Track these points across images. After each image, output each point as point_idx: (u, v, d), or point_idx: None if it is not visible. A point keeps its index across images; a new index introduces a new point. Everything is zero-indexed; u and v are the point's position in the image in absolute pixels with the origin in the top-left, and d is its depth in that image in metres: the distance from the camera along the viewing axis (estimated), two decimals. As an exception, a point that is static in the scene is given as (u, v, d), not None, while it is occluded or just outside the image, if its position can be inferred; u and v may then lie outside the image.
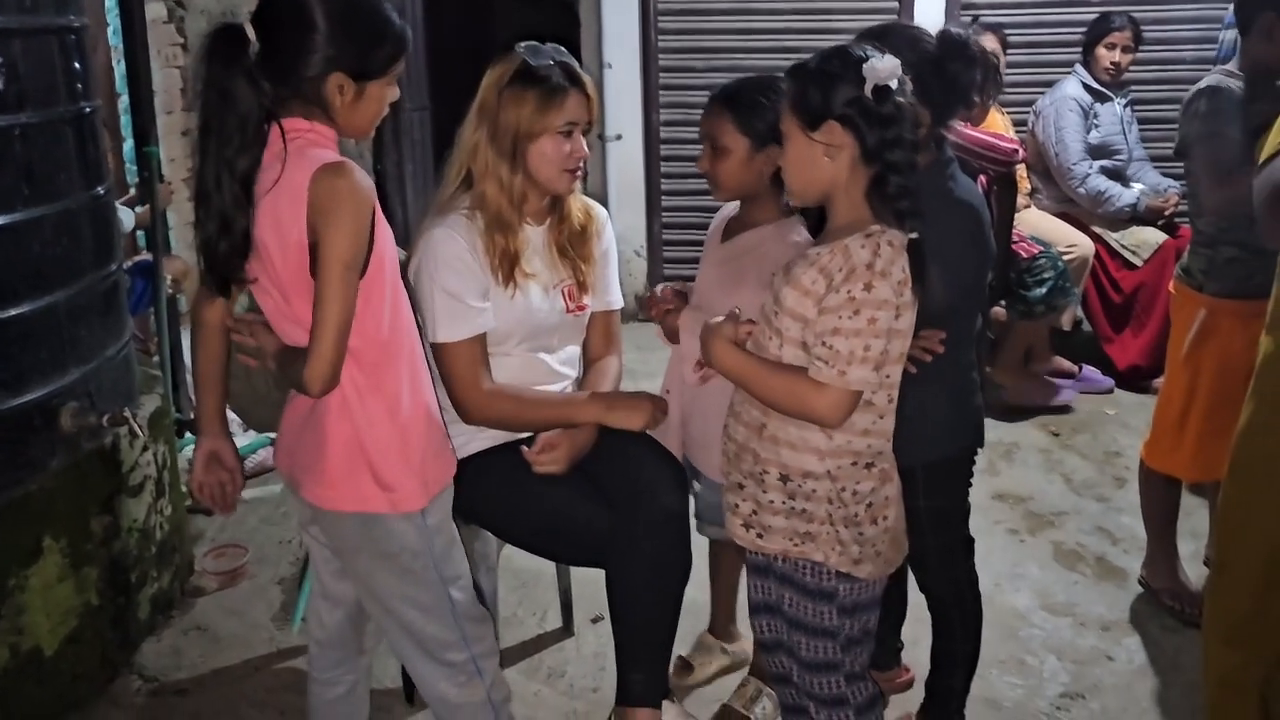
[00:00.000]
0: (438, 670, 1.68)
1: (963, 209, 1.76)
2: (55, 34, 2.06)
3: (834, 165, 1.46)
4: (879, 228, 1.46)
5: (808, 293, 1.46)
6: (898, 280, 1.43)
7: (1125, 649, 2.41)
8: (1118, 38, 3.94)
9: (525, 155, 1.82)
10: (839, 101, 1.43)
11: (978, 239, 1.79)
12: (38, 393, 2.01)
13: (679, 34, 4.83)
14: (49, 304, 2.02)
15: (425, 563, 1.61)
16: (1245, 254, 2.30)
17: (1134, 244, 3.98)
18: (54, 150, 2.06)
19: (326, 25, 1.45)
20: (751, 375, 1.52)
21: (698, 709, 2.15)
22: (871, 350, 1.42)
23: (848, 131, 1.44)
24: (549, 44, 1.85)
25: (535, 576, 2.64)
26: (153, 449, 2.45)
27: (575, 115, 1.82)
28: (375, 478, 1.55)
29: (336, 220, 1.41)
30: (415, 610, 1.63)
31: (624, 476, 1.84)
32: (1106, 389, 3.97)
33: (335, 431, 1.54)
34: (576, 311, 1.97)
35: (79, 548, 2.17)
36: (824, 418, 1.46)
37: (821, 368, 1.44)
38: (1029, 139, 4.09)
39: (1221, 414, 2.32)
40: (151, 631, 2.45)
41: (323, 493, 1.57)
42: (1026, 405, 3.78)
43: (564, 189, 1.88)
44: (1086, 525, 3.00)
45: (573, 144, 1.83)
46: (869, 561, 1.56)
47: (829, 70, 1.45)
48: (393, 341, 1.55)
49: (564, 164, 1.83)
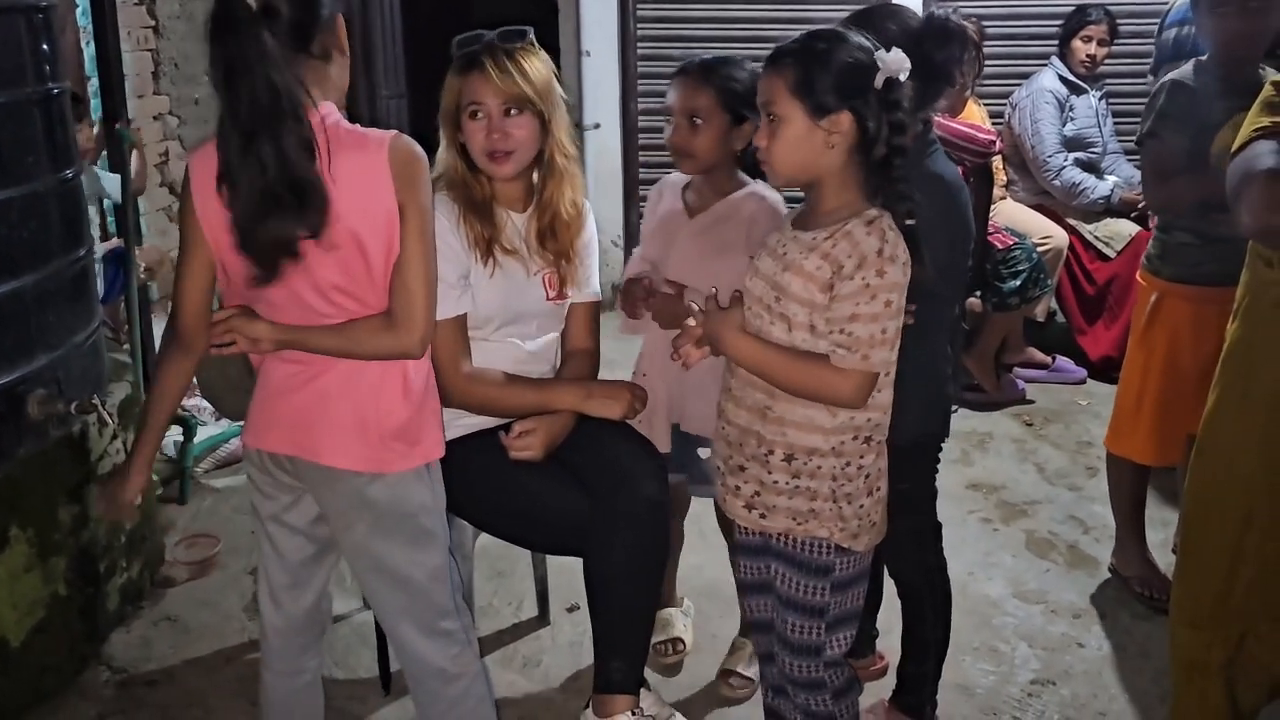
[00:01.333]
0: (434, 643, 1.68)
1: (942, 187, 1.78)
2: (22, 13, 2.02)
3: (832, 153, 1.48)
4: (876, 212, 1.49)
5: (812, 278, 1.49)
6: (903, 263, 1.47)
7: (1095, 636, 2.44)
8: (1094, 30, 3.97)
9: (457, 139, 1.85)
10: (852, 91, 1.45)
11: (956, 217, 1.80)
12: (4, 379, 1.97)
13: (657, 22, 4.82)
14: (16, 289, 1.99)
15: (439, 520, 1.65)
16: (1196, 240, 2.34)
17: (1107, 235, 4.01)
18: (21, 132, 2.02)
19: None
20: (771, 364, 1.53)
21: (671, 696, 2.15)
22: (889, 332, 1.47)
23: (854, 121, 1.46)
24: (500, 29, 1.83)
25: (511, 566, 2.63)
26: (122, 437, 2.41)
27: (474, 95, 1.80)
28: (402, 436, 1.58)
29: (418, 186, 1.49)
30: (423, 574, 1.64)
31: (602, 465, 1.83)
32: (1079, 379, 4.02)
33: (354, 396, 1.55)
34: (557, 300, 1.96)
35: (47, 537, 2.14)
36: (849, 401, 1.50)
37: (845, 355, 1.47)
38: (1005, 131, 4.11)
39: (1173, 396, 2.37)
40: (121, 622, 2.43)
41: (358, 454, 1.56)
42: (995, 400, 3.83)
43: (493, 172, 1.85)
44: (1059, 514, 3.02)
45: (483, 126, 1.81)
46: (865, 533, 1.59)
47: (839, 58, 1.45)
48: None
49: (481, 145, 1.82)
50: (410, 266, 1.50)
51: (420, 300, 1.51)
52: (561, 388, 1.91)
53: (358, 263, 1.49)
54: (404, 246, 1.49)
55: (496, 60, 1.80)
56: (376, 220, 1.47)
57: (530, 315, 1.94)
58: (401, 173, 1.46)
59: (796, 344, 1.52)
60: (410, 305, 1.50)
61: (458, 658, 1.69)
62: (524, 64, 1.81)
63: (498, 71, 1.79)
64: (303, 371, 1.57)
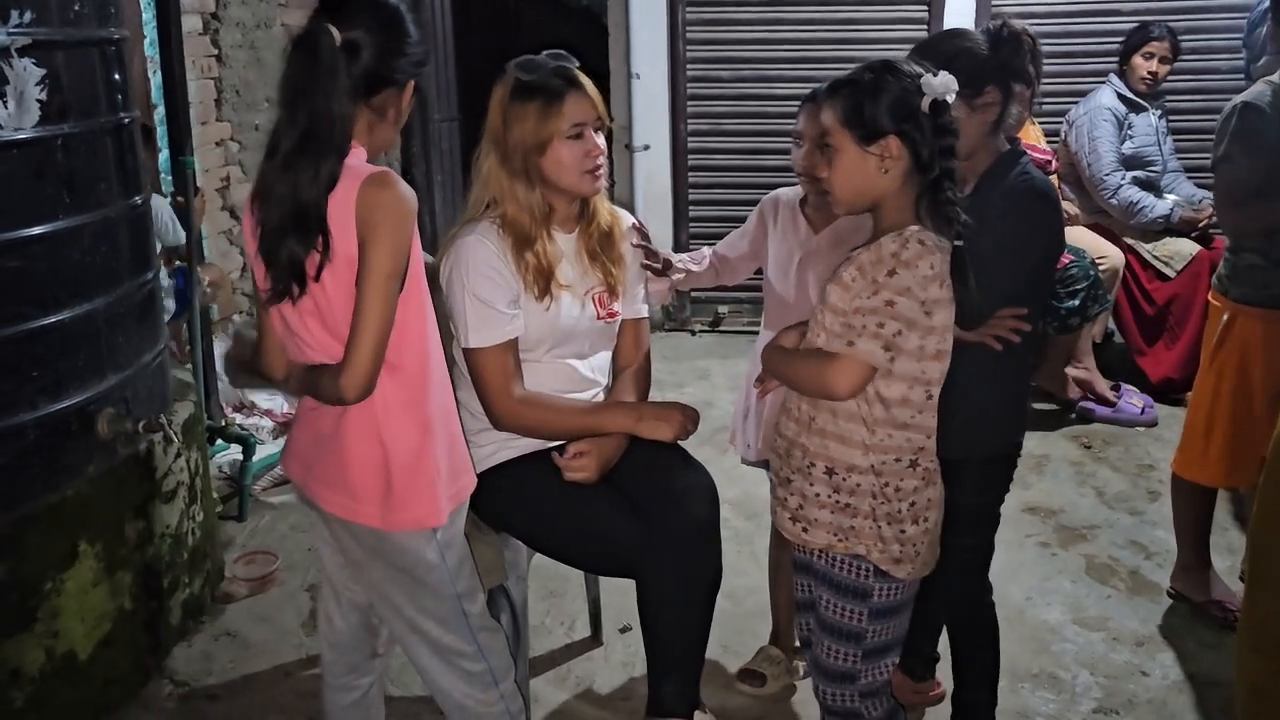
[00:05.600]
0: (456, 678, 1.68)
1: (1039, 195, 1.78)
2: (96, 46, 2.10)
3: (887, 178, 1.50)
4: (916, 228, 1.50)
5: (848, 288, 1.52)
6: (924, 275, 1.46)
7: (1159, 664, 2.38)
8: (1156, 47, 3.89)
9: (540, 167, 1.83)
10: (897, 116, 1.47)
11: (1050, 228, 1.80)
12: (76, 399, 2.04)
13: (707, 44, 4.84)
14: (88, 311, 2.05)
15: (440, 577, 1.61)
16: (1265, 262, 2.30)
17: (1167, 255, 3.93)
18: (94, 160, 2.10)
19: (401, 31, 1.49)
20: (784, 365, 1.60)
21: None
22: (885, 329, 1.46)
23: (904, 145, 1.47)
24: (545, 52, 1.85)
25: (564, 586, 2.64)
26: (185, 455, 2.47)
27: (579, 115, 1.82)
28: (395, 494, 1.54)
29: (382, 231, 1.42)
30: (432, 621, 1.64)
31: (654, 486, 1.83)
32: (1149, 422, 3.76)
33: (363, 446, 1.54)
34: (608, 319, 1.97)
35: (114, 552, 2.19)
36: (837, 389, 1.50)
37: (834, 341, 1.51)
38: (1061, 149, 4.06)
39: (1244, 418, 2.31)
40: (183, 636, 2.48)
41: (342, 503, 1.57)
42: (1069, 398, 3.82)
43: (589, 190, 1.88)
44: (1119, 539, 2.96)
45: (586, 144, 1.83)
46: (908, 562, 1.58)
47: (884, 85, 1.48)
48: (431, 356, 1.56)
49: (582, 165, 1.83)
50: (358, 311, 1.44)
51: (360, 348, 1.43)
52: (613, 410, 1.92)
53: (321, 295, 1.49)
54: (357, 289, 1.44)
55: (583, 80, 1.84)
56: (336, 256, 1.45)
57: (582, 335, 1.95)
58: (366, 216, 1.42)
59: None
60: (351, 351, 1.44)
61: (482, 696, 1.69)
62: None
63: (590, 90, 1.83)
64: (312, 403, 1.59)
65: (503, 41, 6.93)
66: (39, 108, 1.91)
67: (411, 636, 1.67)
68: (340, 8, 1.46)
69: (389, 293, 1.44)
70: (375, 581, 1.65)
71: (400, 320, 1.48)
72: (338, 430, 1.55)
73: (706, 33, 4.84)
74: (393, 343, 1.48)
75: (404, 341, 1.50)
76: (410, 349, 1.52)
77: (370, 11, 1.47)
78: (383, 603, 1.67)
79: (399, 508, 1.55)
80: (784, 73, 4.72)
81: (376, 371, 1.46)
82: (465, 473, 1.67)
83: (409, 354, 1.52)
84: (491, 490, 1.86)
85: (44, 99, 1.92)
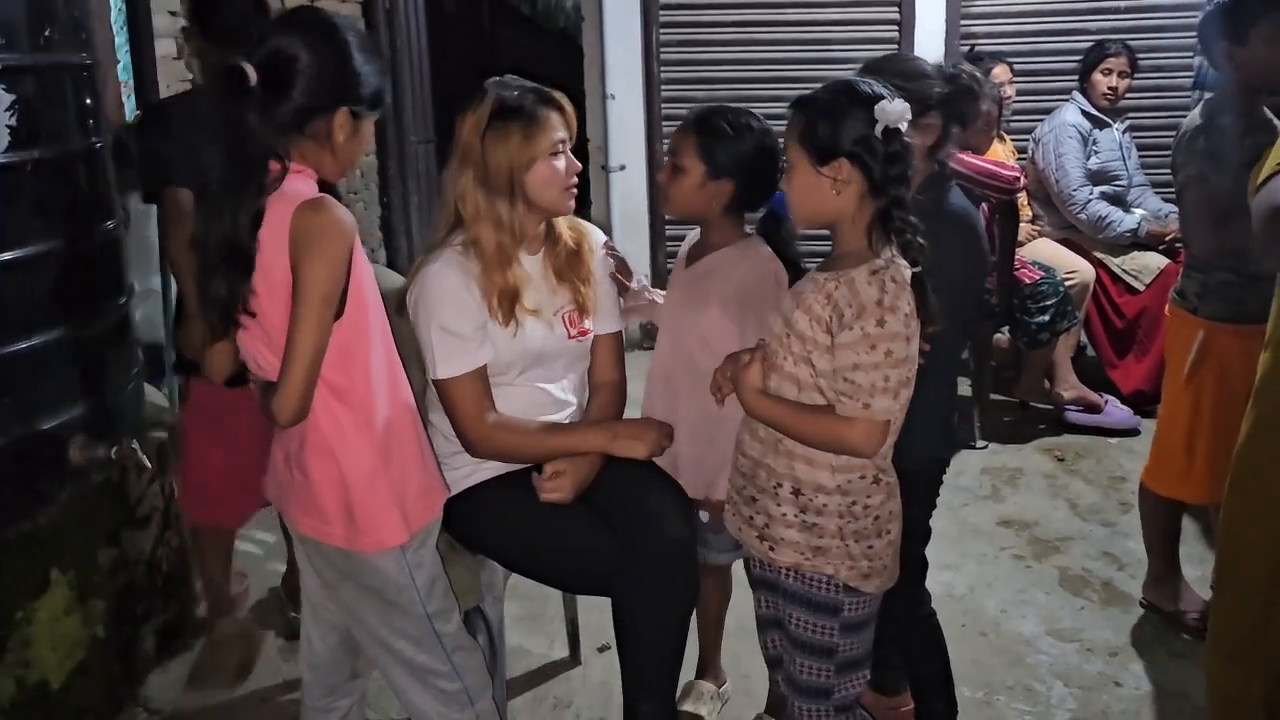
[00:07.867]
0: (431, 698, 1.69)
1: (954, 218, 1.82)
2: (67, 71, 2.10)
3: (841, 199, 1.51)
4: (883, 262, 1.50)
5: (817, 318, 1.51)
6: (905, 314, 1.47)
7: (1132, 674, 2.40)
8: (1113, 63, 3.98)
9: (523, 187, 1.83)
10: (849, 139, 1.48)
11: (972, 250, 1.84)
12: (47, 425, 2.02)
13: (681, 65, 4.90)
14: (59, 337, 2.04)
15: (410, 597, 1.62)
16: (1239, 280, 2.32)
17: (1136, 269, 4.00)
18: (65, 185, 2.09)
19: (336, 60, 1.48)
20: (787, 421, 1.57)
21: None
22: (891, 380, 1.47)
23: (856, 168, 1.48)
24: (508, 75, 1.88)
25: (542, 606, 2.64)
26: (159, 481, 2.45)
27: (560, 134, 1.85)
28: (357, 515, 1.55)
29: (313, 254, 1.43)
30: (404, 641, 1.65)
31: (629, 504, 1.84)
32: (1131, 429, 3.83)
33: (321, 467, 1.55)
34: (579, 337, 1.97)
35: (86, 580, 2.17)
36: (859, 449, 1.51)
37: (847, 403, 1.49)
38: (1029, 166, 4.12)
39: (1228, 435, 2.33)
40: (158, 664, 2.45)
41: (310, 524, 1.59)
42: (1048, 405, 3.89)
43: (566, 208, 1.90)
44: (1092, 550, 2.99)
45: (565, 162, 1.86)
46: (876, 575, 1.60)
47: (840, 108, 1.49)
48: (382, 378, 1.57)
49: (563, 183, 1.86)
50: (290, 335, 1.44)
51: (291, 371, 1.44)
52: (587, 430, 1.92)
53: (265, 320, 1.49)
54: (292, 313, 1.45)
55: (561, 99, 1.86)
56: (272, 280, 1.46)
57: (553, 357, 1.95)
58: (299, 239, 1.43)
59: (800, 377, 1.55)
60: (282, 374, 1.46)
61: (456, 718, 1.69)
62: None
63: (568, 109, 1.86)
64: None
65: (479, 64, 6.96)
66: (9, 133, 1.90)
67: (386, 656, 1.67)
68: (268, 38, 1.47)
69: (322, 316, 1.45)
70: (348, 602, 1.65)
71: (347, 344, 1.49)
72: (301, 452, 1.57)
73: (680, 53, 4.89)
74: (341, 366, 1.49)
75: (352, 365, 1.51)
76: (359, 372, 1.53)
77: (301, 39, 1.47)
78: (356, 623, 1.68)
79: (363, 529, 1.56)
80: (758, 93, 4.75)
81: (309, 394, 1.47)
82: (435, 492, 1.68)
83: (358, 377, 1.53)
84: (467, 512, 1.86)
85: (14, 124, 1.92)
